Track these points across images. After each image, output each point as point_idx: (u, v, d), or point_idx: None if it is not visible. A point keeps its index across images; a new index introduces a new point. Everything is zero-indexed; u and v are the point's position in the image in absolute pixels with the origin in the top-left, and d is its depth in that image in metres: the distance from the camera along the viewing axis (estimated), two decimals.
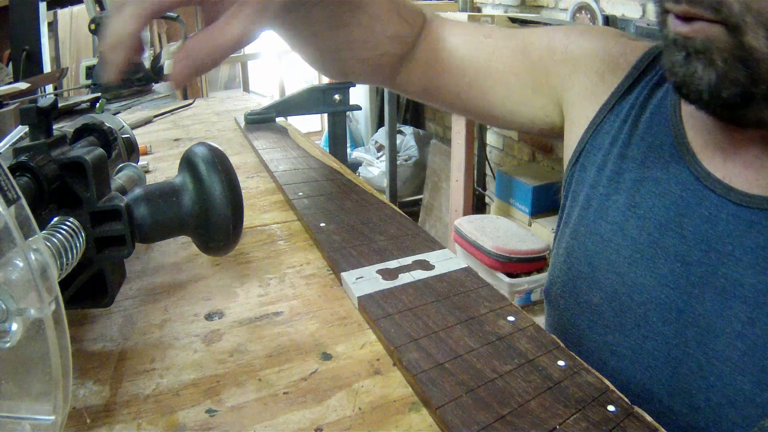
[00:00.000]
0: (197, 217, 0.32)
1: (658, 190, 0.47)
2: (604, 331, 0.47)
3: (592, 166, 0.52)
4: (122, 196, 0.31)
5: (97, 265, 0.31)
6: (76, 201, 0.30)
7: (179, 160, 0.33)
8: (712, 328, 0.41)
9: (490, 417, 0.25)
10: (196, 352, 0.32)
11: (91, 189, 0.29)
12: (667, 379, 0.41)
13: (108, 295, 0.33)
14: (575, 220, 0.52)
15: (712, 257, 0.42)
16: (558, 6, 2.31)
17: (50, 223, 0.28)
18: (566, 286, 0.51)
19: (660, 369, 0.42)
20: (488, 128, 2.66)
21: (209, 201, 0.31)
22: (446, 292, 0.36)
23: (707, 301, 0.41)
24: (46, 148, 0.29)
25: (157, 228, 0.32)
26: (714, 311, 0.41)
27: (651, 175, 0.47)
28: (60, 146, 0.30)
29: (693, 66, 0.38)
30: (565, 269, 0.52)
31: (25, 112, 0.29)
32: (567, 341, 0.48)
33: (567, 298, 0.51)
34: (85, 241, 0.29)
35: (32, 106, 0.29)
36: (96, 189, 0.30)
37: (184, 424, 0.26)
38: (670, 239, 0.45)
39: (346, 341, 0.32)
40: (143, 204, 0.31)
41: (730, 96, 0.38)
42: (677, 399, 0.41)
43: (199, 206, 0.32)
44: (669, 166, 0.47)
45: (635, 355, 0.44)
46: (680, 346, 0.42)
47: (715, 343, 0.40)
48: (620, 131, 0.51)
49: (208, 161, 0.32)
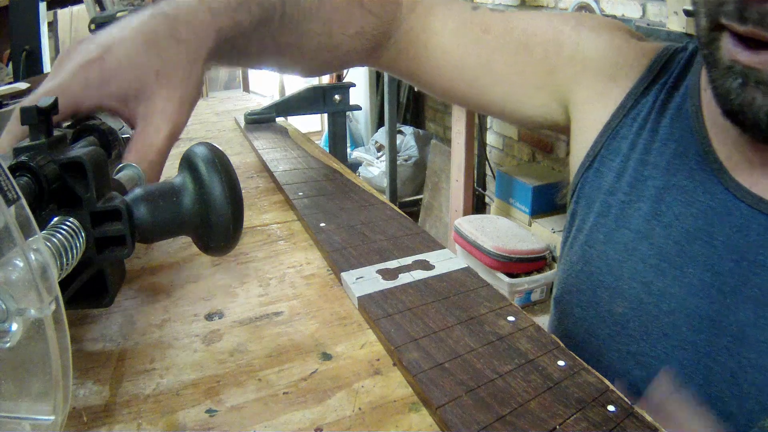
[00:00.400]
0: (197, 216, 0.32)
1: (684, 198, 0.45)
2: (628, 341, 0.46)
3: (610, 172, 0.50)
4: (122, 196, 0.31)
5: (97, 265, 0.31)
6: (76, 201, 0.30)
7: (179, 160, 0.33)
8: (746, 336, 0.40)
9: (490, 417, 0.25)
10: (196, 352, 0.32)
11: (91, 189, 0.29)
12: (697, 387, 0.41)
13: (108, 295, 0.33)
14: (590, 226, 0.50)
15: (744, 267, 0.41)
16: (558, 6, 2.31)
17: (50, 223, 0.28)
18: (584, 295, 0.49)
19: (690, 377, 0.41)
20: (488, 128, 2.66)
21: (209, 201, 0.31)
22: (446, 292, 0.36)
23: (740, 311, 0.40)
24: (46, 148, 0.29)
25: (157, 228, 0.32)
26: (747, 320, 0.40)
27: (677, 183, 0.45)
28: (60, 146, 0.30)
29: (750, 94, 0.37)
30: (583, 278, 0.50)
31: (25, 112, 0.29)
32: (583, 351, 0.47)
33: (585, 308, 0.49)
34: (85, 241, 0.29)
35: (32, 106, 0.29)
36: (96, 189, 0.30)
37: (184, 424, 0.26)
38: (698, 248, 0.43)
39: (346, 341, 0.32)
40: (143, 204, 0.31)
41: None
42: (709, 407, 0.40)
43: (199, 206, 0.32)
44: (695, 174, 0.45)
45: (663, 364, 0.42)
46: (712, 354, 0.41)
47: (749, 351, 0.40)
48: (639, 136, 0.49)
49: (208, 161, 0.32)
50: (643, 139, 0.48)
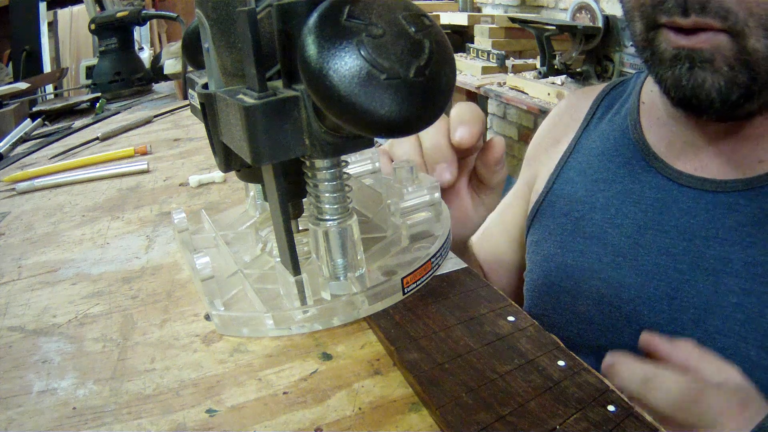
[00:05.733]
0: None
1: (632, 199, 0.49)
2: (596, 336, 0.49)
3: (560, 199, 0.55)
4: None
5: None
6: None
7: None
8: (708, 306, 0.42)
9: (490, 417, 0.25)
10: (196, 352, 0.32)
11: None
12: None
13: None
14: (548, 247, 0.55)
15: (697, 243, 0.44)
16: (558, 6, 2.31)
17: None
18: (548, 305, 0.53)
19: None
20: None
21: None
22: (446, 292, 0.36)
23: (699, 283, 0.43)
24: None
25: None
26: (707, 291, 0.43)
27: (623, 189, 0.50)
28: None
29: (699, 76, 0.39)
30: (545, 290, 0.54)
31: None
32: None
33: (552, 315, 0.53)
34: None
35: None
36: None
37: (184, 424, 0.26)
38: (651, 237, 0.47)
39: (346, 341, 0.32)
40: None
41: (737, 98, 0.40)
42: None
43: None
44: (639, 176, 0.50)
45: (630, 350, 0.46)
46: (677, 330, 0.43)
47: (713, 319, 0.42)
48: (588, 158, 0.55)
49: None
50: (593, 164, 0.54)
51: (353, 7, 0.25)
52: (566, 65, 1.94)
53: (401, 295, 0.34)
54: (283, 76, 0.29)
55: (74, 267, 0.44)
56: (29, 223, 0.55)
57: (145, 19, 1.23)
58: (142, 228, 0.50)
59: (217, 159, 0.34)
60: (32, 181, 0.66)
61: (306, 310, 0.32)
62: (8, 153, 0.91)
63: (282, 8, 0.27)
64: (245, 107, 0.27)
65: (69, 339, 0.34)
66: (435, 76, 0.25)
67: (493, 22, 2.41)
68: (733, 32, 0.37)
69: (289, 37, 0.27)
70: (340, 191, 0.32)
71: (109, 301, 0.38)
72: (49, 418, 0.28)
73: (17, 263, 0.46)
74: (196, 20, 0.33)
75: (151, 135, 0.90)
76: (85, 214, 0.56)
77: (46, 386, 0.30)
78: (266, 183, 0.32)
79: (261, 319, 0.32)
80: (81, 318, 0.36)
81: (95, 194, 0.62)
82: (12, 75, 1.79)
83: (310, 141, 0.28)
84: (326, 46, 0.24)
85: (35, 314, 0.37)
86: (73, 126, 1.03)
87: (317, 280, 0.33)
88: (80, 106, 1.23)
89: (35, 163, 0.79)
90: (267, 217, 0.42)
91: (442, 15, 2.70)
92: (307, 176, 0.32)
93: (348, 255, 0.33)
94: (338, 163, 0.31)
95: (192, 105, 0.37)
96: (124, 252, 0.45)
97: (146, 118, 0.98)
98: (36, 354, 0.33)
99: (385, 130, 0.25)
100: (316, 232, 0.32)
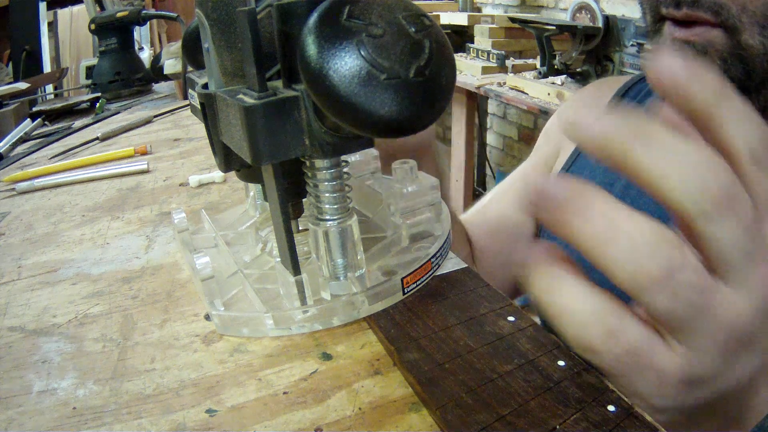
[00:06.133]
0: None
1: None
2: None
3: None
4: None
5: None
6: None
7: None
8: None
9: (490, 417, 0.25)
10: (196, 352, 0.32)
11: None
12: None
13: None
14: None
15: None
16: (558, 6, 2.31)
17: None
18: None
19: None
20: (488, 128, 2.66)
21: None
22: (446, 292, 0.36)
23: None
24: None
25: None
26: None
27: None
28: None
29: None
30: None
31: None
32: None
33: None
34: None
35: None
36: None
37: (184, 424, 0.26)
38: (668, 224, 0.50)
39: (346, 341, 0.32)
40: None
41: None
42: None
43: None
44: None
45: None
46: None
47: None
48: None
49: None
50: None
51: (353, 7, 0.25)
52: (566, 65, 1.94)
53: (401, 295, 0.34)
54: (283, 76, 0.29)
55: (74, 267, 0.44)
56: (29, 223, 0.55)
57: (145, 19, 1.24)
58: (142, 228, 0.50)
59: (217, 159, 0.34)
60: (32, 181, 0.66)
61: (306, 310, 0.32)
62: (8, 153, 0.91)
63: (282, 8, 0.27)
64: (245, 107, 0.27)
65: (69, 339, 0.34)
66: (435, 76, 0.25)
67: (493, 22, 2.41)
68: (726, 27, 0.38)
69: (289, 37, 0.27)
70: (340, 191, 0.32)
71: (109, 301, 0.38)
72: (49, 418, 0.28)
73: (17, 263, 0.46)
74: (196, 20, 0.33)
75: (151, 135, 0.90)
76: (85, 214, 0.56)
77: (46, 386, 0.30)
78: (266, 183, 0.32)
79: (261, 319, 0.32)
80: (81, 318, 0.36)
81: (95, 194, 0.62)
82: (12, 75, 1.79)
83: (310, 141, 0.28)
84: (326, 46, 0.24)
85: (35, 314, 0.37)
86: (73, 126, 1.03)
87: (317, 280, 0.33)
88: (80, 106, 1.23)
89: (35, 163, 0.79)
90: (267, 217, 0.42)
91: (442, 15, 2.70)
92: (307, 176, 0.32)
93: (348, 255, 0.33)
94: (338, 163, 0.31)
95: (192, 105, 0.38)
96: (124, 252, 0.46)
97: (146, 118, 0.98)
98: (36, 354, 0.33)
99: (385, 130, 0.25)
100: (316, 232, 0.32)
